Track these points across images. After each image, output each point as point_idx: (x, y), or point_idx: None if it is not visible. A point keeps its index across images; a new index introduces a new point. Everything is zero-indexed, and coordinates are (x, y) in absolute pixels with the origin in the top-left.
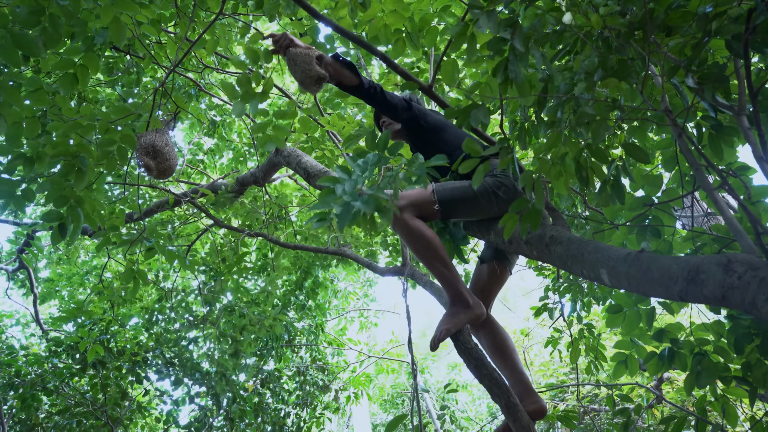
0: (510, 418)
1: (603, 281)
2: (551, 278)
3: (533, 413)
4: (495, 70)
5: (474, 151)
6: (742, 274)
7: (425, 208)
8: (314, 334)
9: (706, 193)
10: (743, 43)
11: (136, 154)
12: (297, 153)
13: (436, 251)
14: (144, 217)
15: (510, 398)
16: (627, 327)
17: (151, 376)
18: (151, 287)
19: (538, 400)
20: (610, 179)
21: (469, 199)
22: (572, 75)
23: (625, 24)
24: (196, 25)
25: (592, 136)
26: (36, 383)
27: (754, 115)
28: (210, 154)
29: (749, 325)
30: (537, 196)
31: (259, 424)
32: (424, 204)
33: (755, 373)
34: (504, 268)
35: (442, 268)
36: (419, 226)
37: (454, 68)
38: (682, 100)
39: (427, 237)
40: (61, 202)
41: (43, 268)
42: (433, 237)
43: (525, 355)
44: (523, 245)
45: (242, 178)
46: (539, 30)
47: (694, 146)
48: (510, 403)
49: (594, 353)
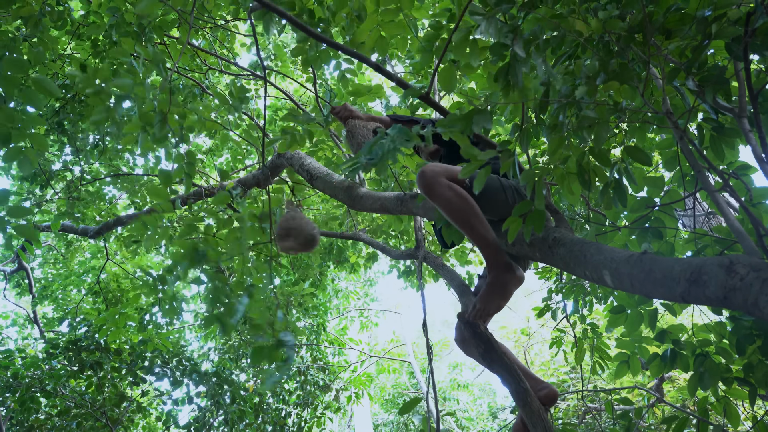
0: (520, 403)
1: (606, 283)
2: (553, 280)
3: (544, 398)
4: (496, 75)
5: (472, 156)
6: (744, 276)
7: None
8: (315, 333)
9: (708, 194)
10: (743, 46)
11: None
12: (300, 155)
13: (475, 211)
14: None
15: (520, 383)
16: (629, 328)
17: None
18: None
19: (547, 386)
20: (612, 182)
21: (495, 189)
22: (573, 79)
23: (624, 28)
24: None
25: (594, 139)
26: (34, 385)
27: (755, 117)
28: (209, 155)
29: (751, 326)
30: (538, 198)
31: (260, 424)
32: (457, 180)
33: (757, 373)
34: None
35: (484, 230)
36: (459, 188)
37: (452, 75)
38: (684, 102)
39: (466, 196)
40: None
41: (38, 267)
42: (471, 198)
43: (526, 354)
44: (527, 247)
45: (244, 180)
46: (539, 35)
47: (695, 148)
48: (520, 388)
49: (598, 353)
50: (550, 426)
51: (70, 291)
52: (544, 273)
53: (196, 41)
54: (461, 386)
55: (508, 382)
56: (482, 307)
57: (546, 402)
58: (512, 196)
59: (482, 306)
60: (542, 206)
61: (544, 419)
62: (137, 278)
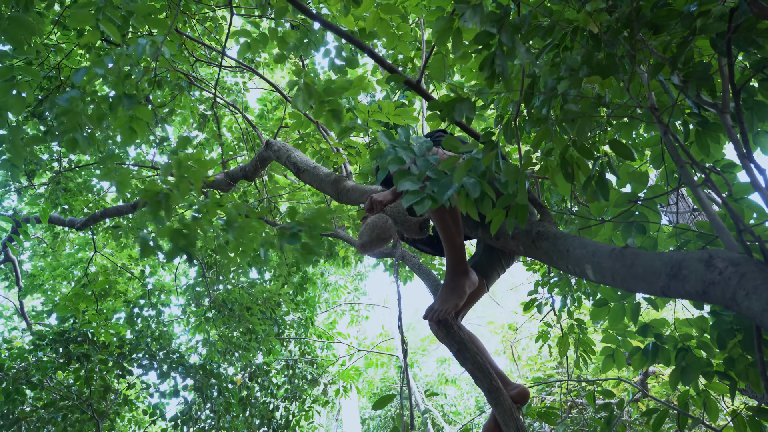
0: (492, 402)
1: (588, 277)
2: (541, 273)
3: (517, 396)
4: (482, 64)
5: (454, 148)
6: (722, 270)
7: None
8: (304, 327)
9: (690, 189)
10: (726, 41)
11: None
12: (287, 148)
13: (456, 215)
14: (135, 209)
15: (492, 382)
16: (612, 321)
17: (135, 371)
18: (137, 282)
19: (518, 386)
20: (594, 175)
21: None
22: (559, 71)
23: (612, 21)
24: (187, 18)
25: (577, 132)
26: (20, 377)
27: (737, 113)
28: (200, 149)
29: (732, 321)
30: (521, 193)
31: (248, 418)
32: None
33: (737, 367)
34: (482, 280)
35: (455, 231)
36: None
37: (443, 63)
38: (669, 97)
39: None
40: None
41: (27, 261)
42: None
43: (513, 349)
44: (510, 240)
45: (232, 173)
46: (528, 23)
47: (678, 143)
48: (492, 386)
49: (583, 347)
50: (522, 424)
51: (59, 283)
52: (532, 265)
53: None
54: (449, 381)
55: (480, 381)
56: (440, 308)
57: (518, 400)
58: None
59: (440, 307)
60: (525, 200)
61: (516, 418)
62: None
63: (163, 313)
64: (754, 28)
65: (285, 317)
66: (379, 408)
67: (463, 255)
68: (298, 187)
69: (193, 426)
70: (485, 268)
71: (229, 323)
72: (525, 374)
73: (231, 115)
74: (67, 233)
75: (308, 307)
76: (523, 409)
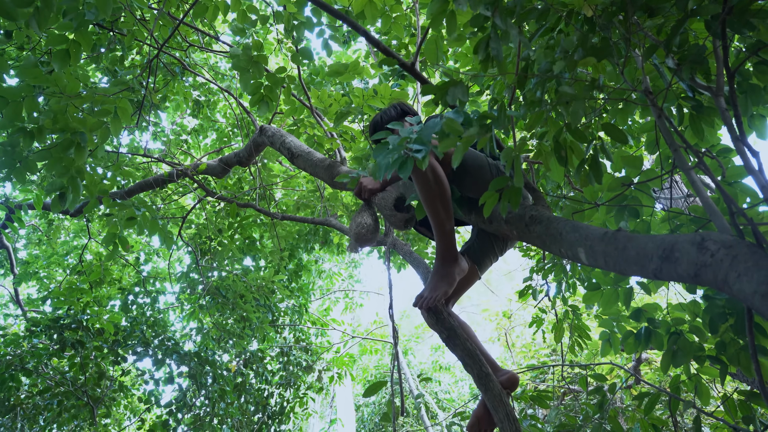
0: (482, 387)
1: (581, 260)
2: (536, 259)
3: (506, 382)
4: (476, 47)
5: (454, 130)
6: (714, 252)
7: (444, 160)
8: (298, 314)
9: (683, 172)
10: (720, 23)
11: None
12: (281, 133)
13: (447, 200)
14: (129, 195)
15: (482, 368)
16: (604, 305)
17: (130, 357)
18: (131, 269)
19: (508, 372)
20: (588, 158)
21: (480, 166)
22: (553, 53)
23: (606, 3)
24: (180, 2)
25: (571, 115)
26: (14, 363)
27: (731, 96)
28: (194, 135)
29: (724, 305)
30: (517, 176)
31: (242, 404)
32: (445, 156)
33: (729, 351)
34: (474, 267)
35: (445, 217)
36: (440, 171)
37: (438, 46)
38: (663, 80)
39: (445, 184)
40: (63, 173)
41: (22, 249)
42: (446, 184)
43: (507, 336)
44: (503, 224)
45: (226, 159)
46: (522, 5)
47: (672, 127)
48: (482, 372)
49: (578, 332)
50: (511, 410)
51: (53, 270)
52: (528, 251)
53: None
54: (443, 368)
55: (470, 367)
56: (430, 295)
57: (508, 386)
58: (497, 175)
59: (430, 294)
60: (521, 183)
61: (505, 403)
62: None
63: (158, 301)
64: (748, 10)
65: (279, 304)
66: (370, 395)
67: (453, 242)
68: (294, 175)
69: (187, 413)
70: (478, 254)
71: (223, 311)
72: (519, 361)
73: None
74: (62, 221)
75: (302, 294)
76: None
